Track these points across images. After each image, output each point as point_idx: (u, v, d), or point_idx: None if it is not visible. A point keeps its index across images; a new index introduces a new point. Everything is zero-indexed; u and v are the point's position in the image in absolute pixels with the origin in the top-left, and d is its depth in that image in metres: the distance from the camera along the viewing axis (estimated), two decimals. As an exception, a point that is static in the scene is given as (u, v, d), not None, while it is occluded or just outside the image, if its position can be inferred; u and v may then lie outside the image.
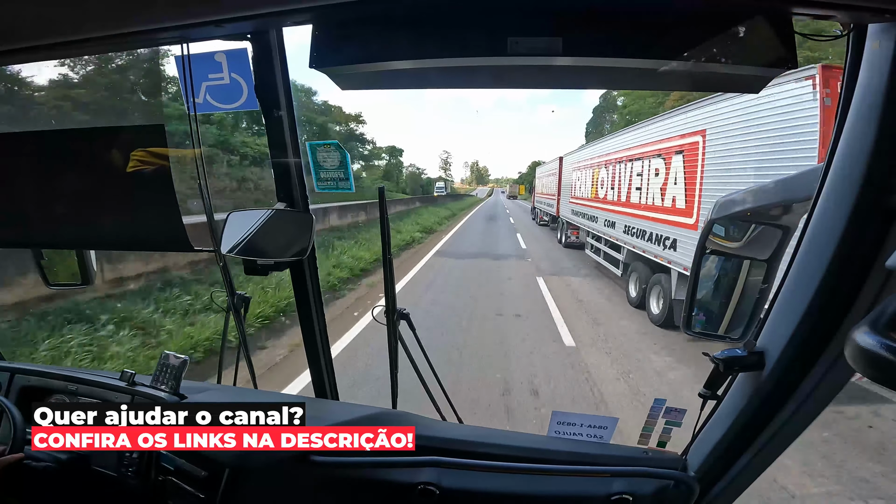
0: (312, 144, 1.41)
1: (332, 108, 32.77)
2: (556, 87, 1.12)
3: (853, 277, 0.90)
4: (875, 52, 0.82)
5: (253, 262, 1.36)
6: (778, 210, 1.13)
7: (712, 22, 0.88)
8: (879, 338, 0.46)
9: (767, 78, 0.94)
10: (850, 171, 0.87)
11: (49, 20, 0.99)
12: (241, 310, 1.69)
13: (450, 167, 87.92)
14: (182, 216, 1.29)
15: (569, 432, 1.37)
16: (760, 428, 1.12)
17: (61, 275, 1.79)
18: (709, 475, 1.23)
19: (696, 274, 1.21)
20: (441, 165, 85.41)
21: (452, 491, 1.24)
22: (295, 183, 1.37)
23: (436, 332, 6.21)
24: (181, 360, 1.49)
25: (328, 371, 1.68)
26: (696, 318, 1.26)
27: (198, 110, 1.34)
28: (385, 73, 1.00)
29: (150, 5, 0.94)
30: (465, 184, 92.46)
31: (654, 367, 5.51)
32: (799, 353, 1.00)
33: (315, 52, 0.97)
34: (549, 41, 0.90)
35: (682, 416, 1.31)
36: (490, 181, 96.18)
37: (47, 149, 1.38)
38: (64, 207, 1.40)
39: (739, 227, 1.19)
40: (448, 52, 0.94)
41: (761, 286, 1.16)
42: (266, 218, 1.36)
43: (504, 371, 5.14)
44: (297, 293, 1.54)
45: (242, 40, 1.18)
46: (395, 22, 0.95)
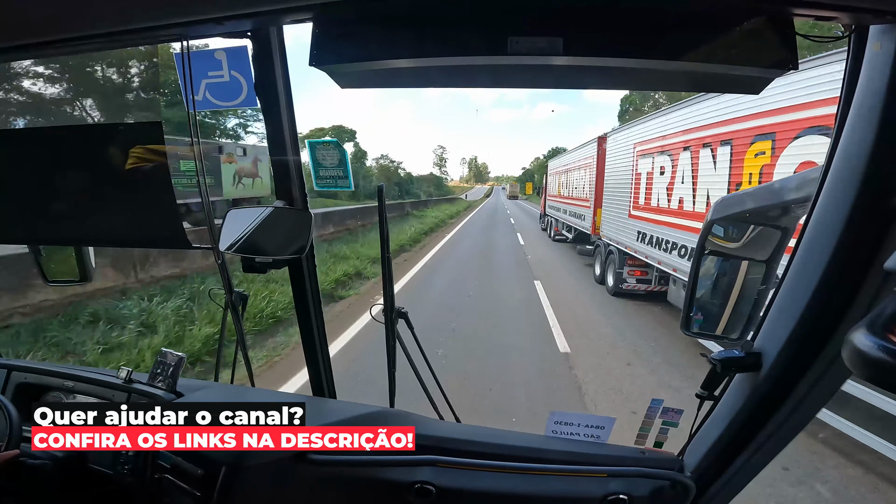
0: (312, 142, 1.41)
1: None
2: (557, 87, 1.12)
3: (851, 279, 0.91)
4: (876, 53, 0.82)
5: (251, 259, 1.36)
6: (777, 211, 1.13)
7: (713, 22, 0.88)
8: (877, 339, 0.46)
9: (768, 79, 0.93)
10: (850, 173, 0.87)
11: (49, 17, 0.99)
12: (239, 308, 1.69)
13: (445, 163, 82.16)
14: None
15: (566, 432, 1.37)
16: (757, 429, 1.12)
17: (60, 271, 1.79)
18: (705, 476, 1.23)
19: (695, 274, 1.21)
20: (436, 161, 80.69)
21: (449, 490, 1.24)
22: (294, 181, 1.37)
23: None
24: (178, 358, 1.48)
25: (326, 369, 1.67)
26: (694, 318, 1.26)
27: (197, 107, 1.34)
28: (385, 71, 1.00)
29: (151, 3, 0.94)
30: (462, 181, 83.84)
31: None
32: (796, 355, 1.00)
33: (315, 49, 0.96)
34: (550, 41, 0.89)
35: (679, 417, 1.31)
36: (490, 179, 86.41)
37: (46, 145, 1.37)
38: (62, 204, 1.40)
39: (738, 228, 1.19)
40: (448, 51, 0.94)
41: (759, 287, 1.16)
42: (265, 215, 1.36)
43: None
44: (295, 291, 1.53)
45: (242, 38, 1.18)
46: (395, 20, 0.94)
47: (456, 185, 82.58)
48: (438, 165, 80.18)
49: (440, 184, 70.68)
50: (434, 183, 68.10)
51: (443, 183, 72.63)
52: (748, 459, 1.17)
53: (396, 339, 1.58)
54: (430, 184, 66.23)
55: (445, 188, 72.66)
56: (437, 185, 69.40)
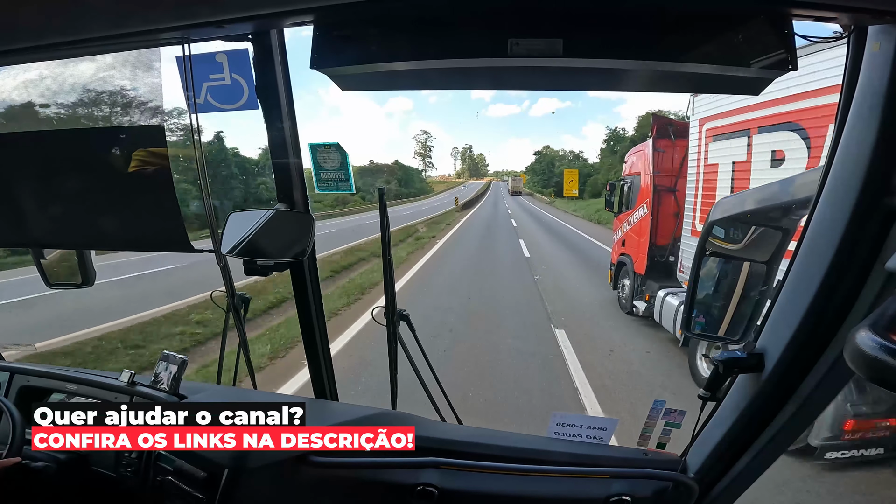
0: (313, 145, 1.41)
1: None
2: (556, 89, 1.13)
3: (853, 279, 0.90)
4: (875, 53, 0.82)
5: (253, 262, 1.36)
6: (778, 212, 1.13)
7: (713, 24, 0.88)
8: (880, 339, 0.46)
9: (768, 80, 0.94)
10: (850, 173, 0.87)
11: (50, 20, 0.99)
12: (241, 310, 1.69)
13: (430, 152, 57.66)
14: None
15: (568, 433, 1.37)
16: (760, 429, 1.12)
17: (62, 275, 1.79)
18: (708, 477, 1.22)
19: (696, 276, 1.21)
20: (418, 150, 57.62)
21: (451, 492, 1.24)
22: (295, 183, 1.37)
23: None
24: (180, 361, 1.49)
25: (328, 371, 1.67)
26: (695, 319, 1.26)
27: (198, 111, 1.34)
28: (385, 73, 1.00)
29: (152, 6, 0.94)
30: (454, 176, 59.43)
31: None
32: (799, 355, 1.00)
33: (316, 52, 0.97)
34: (549, 42, 0.90)
35: (682, 418, 1.31)
36: (488, 175, 60.89)
37: (48, 149, 1.38)
38: (65, 207, 1.40)
39: (739, 229, 1.19)
40: (448, 54, 0.94)
41: (761, 288, 1.16)
42: (266, 218, 1.36)
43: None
44: (296, 294, 1.53)
45: (243, 41, 1.18)
46: (395, 23, 0.95)
47: (442, 179, 57.15)
48: (422, 155, 57.45)
49: (412, 178, 48.86)
50: (403, 176, 45.28)
51: (417, 176, 51.19)
52: (751, 460, 1.16)
53: (398, 341, 1.58)
54: (391, 176, 42.53)
55: (420, 185, 50.67)
56: (407, 179, 46.66)
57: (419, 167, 56.43)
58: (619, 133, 33.77)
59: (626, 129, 37.76)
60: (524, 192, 41.82)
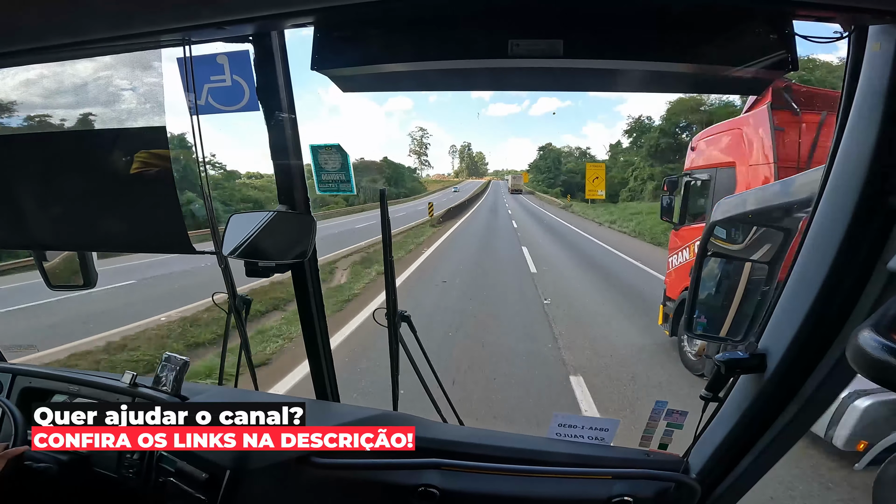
0: (314, 147, 1.41)
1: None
2: (556, 90, 1.13)
3: (855, 279, 0.90)
4: (876, 53, 0.82)
5: (254, 264, 1.36)
6: (779, 212, 1.13)
7: (713, 24, 0.88)
8: (882, 339, 0.46)
9: (768, 80, 0.94)
10: (852, 173, 0.87)
11: (51, 22, 1.00)
12: (242, 311, 1.70)
13: (426, 150, 58.22)
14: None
15: (570, 434, 1.37)
16: (762, 430, 1.11)
17: (63, 276, 1.79)
18: (710, 477, 1.22)
19: (698, 276, 1.21)
20: (414, 148, 56.55)
21: (453, 493, 1.23)
22: (297, 185, 1.38)
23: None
24: (182, 362, 1.49)
25: (329, 372, 1.67)
26: (697, 320, 1.26)
27: (199, 112, 1.34)
28: (386, 75, 1.00)
29: (153, 7, 0.94)
30: (452, 176, 57.03)
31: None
32: (801, 355, 1.00)
33: (317, 54, 0.97)
34: (550, 43, 0.90)
35: (684, 419, 1.31)
36: (488, 174, 60.14)
37: (50, 150, 1.38)
38: (66, 209, 1.41)
39: (741, 230, 1.19)
40: (449, 55, 0.94)
41: (763, 288, 1.16)
42: (267, 220, 1.36)
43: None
44: (298, 295, 1.53)
45: (244, 42, 1.18)
46: (396, 24, 0.95)
47: (439, 178, 55.58)
48: (417, 153, 56.13)
49: (402, 177, 44.55)
50: (392, 175, 41.33)
51: (408, 175, 47.75)
52: (754, 460, 1.16)
53: (399, 342, 1.58)
54: (379, 174, 38.68)
55: (412, 184, 47.04)
56: (397, 178, 42.38)
57: (415, 165, 54.99)
58: (644, 123, 29.42)
59: (652, 116, 33.64)
60: (524, 190, 41.10)
